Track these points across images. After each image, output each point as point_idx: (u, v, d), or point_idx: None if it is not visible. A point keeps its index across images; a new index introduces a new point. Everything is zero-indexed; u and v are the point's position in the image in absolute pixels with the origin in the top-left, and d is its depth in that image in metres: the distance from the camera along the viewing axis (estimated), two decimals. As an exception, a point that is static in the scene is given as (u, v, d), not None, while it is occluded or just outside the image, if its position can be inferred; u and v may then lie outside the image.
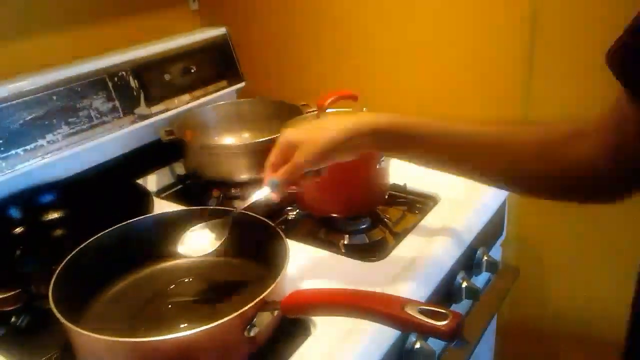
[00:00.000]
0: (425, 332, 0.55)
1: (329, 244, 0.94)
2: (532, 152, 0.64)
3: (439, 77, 1.18)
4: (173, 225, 0.84)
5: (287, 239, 0.75)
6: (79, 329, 0.63)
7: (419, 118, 0.69)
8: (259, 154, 1.05)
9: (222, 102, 1.27)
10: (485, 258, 0.98)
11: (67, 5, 1.15)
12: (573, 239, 1.16)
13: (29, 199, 1.00)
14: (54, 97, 1.02)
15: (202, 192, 1.14)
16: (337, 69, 1.30)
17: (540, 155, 0.63)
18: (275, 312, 0.66)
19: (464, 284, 0.91)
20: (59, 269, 0.71)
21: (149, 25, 1.30)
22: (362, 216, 0.99)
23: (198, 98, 1.25)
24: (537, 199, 0.71)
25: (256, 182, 1.11)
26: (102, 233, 0.79)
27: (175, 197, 1.13)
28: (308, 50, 1.33)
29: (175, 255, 0.83)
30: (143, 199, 0.96)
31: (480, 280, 1.02)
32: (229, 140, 1.24)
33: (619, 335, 1.22)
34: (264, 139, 1.04)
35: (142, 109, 1.15)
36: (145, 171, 1.18)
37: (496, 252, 1.14)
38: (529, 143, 0.64)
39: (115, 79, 1.11)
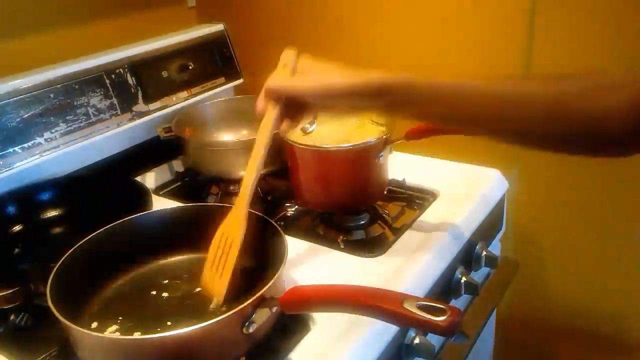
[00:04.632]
0: (424, 327, 0.55)
1: (328, 240, 0.94)
2: (547, 105, 0.61)
3: (436, 71, 1.18)
4: (172, 223, 0.84)
5: (286, 235, 0.75)
6: (77, 327, 0.63)
7: (424, 75, 0.66)
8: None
9: (220, 99, 1.27)
10: (485, 253, 0.98)
11: (64, 2, 1.15)
12: (573, 232, 1.16)
13: (27, 196, 1.00)
14: (52, 95, 1.01)
15: (201, 189, 1.14)
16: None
17: (558, 108, 0.61)
18: (274, 309, 0.66)
19: (463, 279, 0.91)
20: (57, 266, 0.71)
21: (146, 22, 1.30)
22: (361, 212, 0.99)
23: (196, 95, 1.25)
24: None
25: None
26: (100, 230, 0.79)
27: (174, 194, 1.13)
28: (306, 46, 1.32)
29: (173, 253, 0.83)
30: (142, 196, 0.95)
31: (479, 275, 1.02)
32: (227, 137, 1.24)
33: (619, 329, 1.23)
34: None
35: (140, 106, 1.15)
36: (143, 168, 1.18)
37: (495, 247, 1.14)
38: (544, 97, 0.62)
39: (113, 76, 1.11)
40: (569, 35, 1.02)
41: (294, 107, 0.72)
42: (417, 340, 0.77)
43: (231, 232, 0.72)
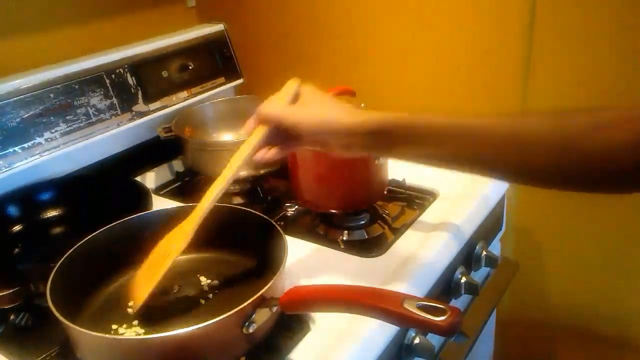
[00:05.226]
0: (424, 327, 0.55)
1: (328, 240, 0.94)
2: (550, 144, 0.60)
3: (436, 72, 1.18)
4: (172, 223, 0.84)
5: (286, 235, 0.75)
6: (76, 327, 0.63)
7: (421, 114, 0.66)
8: (257, 150, 1.05)
9: (220, 99, 1.27)
10: (485, 253, 0.98)
11: (63, 2, 1.15)
12: (572, 232, 1.15)
13: (28, 196, 1.00)
14: (52, 95, 1.01)
15: (201, 189, 1.13)
16: (335, 64, 1.30)
17: (561, 147, 0.59)
18: (274, 309, 0.66)
19: (463, 279, 0.91)
20: (57, 266, 0.71)
21: (146, 22, 1.30)
22: (361, 212, 0.99)
23: (196, 95, 1.25)
24: (542, 190, 0.68)
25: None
26: (100, 230, 0.79)
27: (174, 194, 1.13)
28: (306, 46, 1.33)
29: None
30: (141, 196, 0.96)
31: (479, 275, 1.02)
32: (227, 137, 1.24)
33: (618, 329, 1.23)
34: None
35: (140, 106, 1.15)
36: (143, 168, 1.18)
37: (495, 247, 1.14)
38: (547, 135, 0.61)
39: (113, 76, 1.11)
40: (569, 43, 1.02)
41: (285, 135, 0.72)
42: (417, 340, 0.77)
43: (172, 244, 0.73)
